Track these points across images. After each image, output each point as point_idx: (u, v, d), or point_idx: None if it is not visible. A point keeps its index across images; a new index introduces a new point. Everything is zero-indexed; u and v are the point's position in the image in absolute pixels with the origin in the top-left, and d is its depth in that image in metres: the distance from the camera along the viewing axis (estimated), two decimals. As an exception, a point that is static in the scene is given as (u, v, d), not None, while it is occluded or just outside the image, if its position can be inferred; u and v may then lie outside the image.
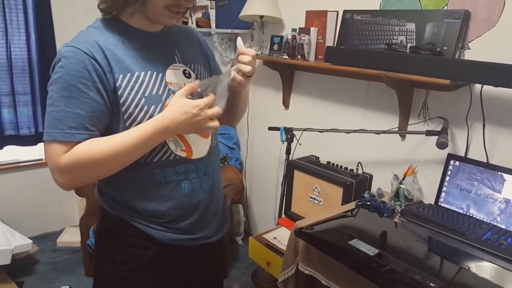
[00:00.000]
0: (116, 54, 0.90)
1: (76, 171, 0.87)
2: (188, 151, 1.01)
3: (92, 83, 0.86)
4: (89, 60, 0.86)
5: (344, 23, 1.86)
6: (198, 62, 1.09)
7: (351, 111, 2.04)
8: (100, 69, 0.87)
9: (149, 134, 0.88)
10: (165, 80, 0.96)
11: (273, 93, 2.50)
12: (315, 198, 1.93)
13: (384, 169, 1.89)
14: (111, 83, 0.88)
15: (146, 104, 0.92)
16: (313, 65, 2.03)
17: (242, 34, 2.62)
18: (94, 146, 0.86)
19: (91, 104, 0.86)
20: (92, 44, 0.87)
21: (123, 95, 0.90)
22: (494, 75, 1.29)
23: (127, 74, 0.90)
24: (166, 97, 0.95)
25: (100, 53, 0.87)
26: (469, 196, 1.52)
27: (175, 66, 1.01)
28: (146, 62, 0.94)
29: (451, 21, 1.50)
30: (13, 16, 2.37)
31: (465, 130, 1.58)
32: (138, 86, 0.91)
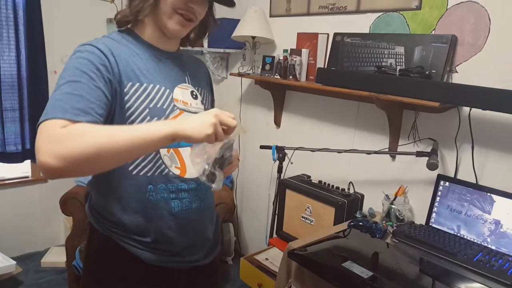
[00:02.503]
0: (128, 63, 0.92)
1: (69, 142, 0.71)
2: (183, 169, 1.00)
3: (102, 75, 0.85)
4: (103, 57, 0.87)
5: (335, 45, 1.89)
6: (204, 87, 1.13)
7: (342, 131, 2.06)
8: (110, 68, 0.88)
9: (159, 125, 0.79)
10: (172, 96, 0.98)
11: (265, 111, 2.52)
12: (307, 217, 1.93)
13: (375, 188, 1.90)
14: (118, 86, 0.89)
15: (149, 114, 0.93)
16: (305, 85, 2.06)
17: (234, 54, 2.65)
18: (96, 127, 0.77)
19: (98, 93, 0.82)
20: (106, 47, 0.90)
21: (129, 101, 0.91)
22: (482, 99, 1.32)
23: (135, 83, 0.92)
24: (170, 112, 0.96)
25: (112, 57, 0.89)
26: (460, 217, 1.53)
27: (184, 85, 1.04)
28: (156, 76, 0.97)
29: (439, 45, 1.54)
30: (3, 32, 2.35)
31: (454, 151, 1.61)
32: (144, 97, 0.93)
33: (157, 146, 0.82)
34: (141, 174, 0.95)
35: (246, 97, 2.66)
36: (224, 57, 2.74)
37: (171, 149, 0.98)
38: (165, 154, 0.97)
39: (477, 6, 1.49)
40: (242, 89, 2.66)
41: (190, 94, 1.04)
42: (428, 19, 1.63)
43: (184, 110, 1.00)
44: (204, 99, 1.09)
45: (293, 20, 2.22)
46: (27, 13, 2.38)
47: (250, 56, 2.45)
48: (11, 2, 2.33)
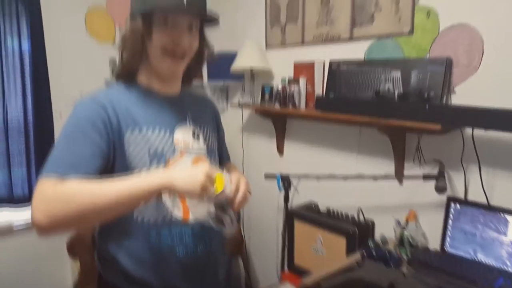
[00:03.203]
0: (128, 110, 0.95)
1: (58, 206, 0.78)
2: (185, 212, 0.99)
3: (98, 128, 0.89)
4: (101, 109, 0.91)
5: (331, 73, 1.90)
6: (209, 126, 1.14)
7: (346, 156, 2.04)
8: (108, 121, 0.91)
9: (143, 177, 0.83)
10: (172, 138, 1.00)
11: (267, 140, 2.51)
12: (318, 249, 1.88)
13: (385, 214, 1.85)
14: (117, 136, 0.92)
15: (149, 159, 0.94)
16: (304, 113, 2.06)
17: (234, 85, 2.68)
18: (83, 185, 0.81)
19: (93, 147, 0.88)
20: (106, 99, 0.94)
21: (129, 149, 0.93)
22: (483, 119, 1.30)
23: (135, 130, 0.94)
24: (171, 154, 0.98)
25: (111, 108, 0.93)
26: (475, 240, 1.48)
27: (185, 126, 1.05)
28: (156, 119, 0.99)
29: (435, 68, 1.54)
30: (10, 80, 2.42)
31: (461, 172, 1.57)
32: (144, 142, 0.95)
33: (146, 201, 0.84)
34: (145, 221, 0.95)
35: (248, 126, 2.67)
36: (223, 89, 2.77)
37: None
38: (167, 198, 0.97)
39: (469, 28, 1.49)
40: (243, 119, 2.67)
41: (191, 135, 1.05)
42: (422, 43, 1.63)
43: (184, 151, 1.01)
44: (207, 138, 1.10)
45: (288, 50, 2.25)
46: (33, 60, 2.45)
47: (249, 86, 2.47)
48: (18, 50, 2.41)
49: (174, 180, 0.81)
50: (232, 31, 2.63)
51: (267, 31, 2.38)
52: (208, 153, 1.09)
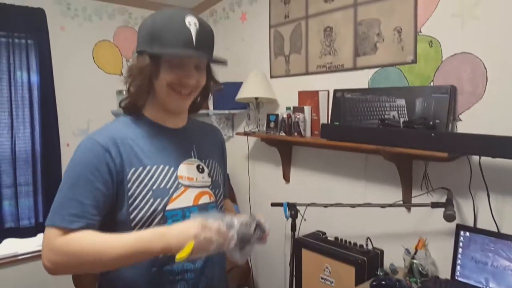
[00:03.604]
0: (132, 148, 0.96)
1: (64, 259, 0.86)
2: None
3: (101, 173, 0.91)
4: (103, 152, 0.92)
5: (336, 101, 1.93)
6: (214, 158, 1.14)
7: (353, 184, 2.04)
8: (111, 162, 0.92)
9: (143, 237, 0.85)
10: (176, 174, 1.00)
11: (273, 168, 2.52)
12: (326, 278, 1.85)
13: (394, 242, 1.83)
14: (120, 176, 0.93)
15: (152, 196, 0.94)
16: (310, 141, 2.08)
17: (239, 114, 2.71)
18: (86, 242, 0.86)
19: (95, 193, 0.90)
20: (110, 138, 0.94)
21: (132, 187, 0.93)
22: (490, 147, 1.31)
23: (139, 168, 0.95)
24: (174, 191, 0.98)
25: (115, 148, 0.93)
26: (486, 268, 1.45)
27: (190, 161, 1.05)
28: (161, 156, 0.99)
29: (439, 95, 1.56)
30: (19, 111, 2.46)
31: (470, 200, 1.56)
32: (147, 179, 0.95)
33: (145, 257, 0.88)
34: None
35: (254, 154, 2.68)
36: (229, 117, 2.81)
37: None
38: None
39: (471, 56, 1.53)
40: (249, 147, 2.69)
41: (196, 169, 1.05)
42: (425, 72, 1.67)
43: (189, 186, 1.01)
44: (212, 171, 1.10)
45: (293, 79, 2.30)
46: (41, 92, 2.50)
47: (254, 115, 2.51)
48: (27, 83, 2.47)
49: (172, 247, 0.83)
50: (237, 61, 2.70)
51: (271, 61, 2.44)
52: (213, 187, 1.08)
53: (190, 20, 0.93)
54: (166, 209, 0.96)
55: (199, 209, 1.02)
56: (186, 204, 1.00)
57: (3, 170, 2.44)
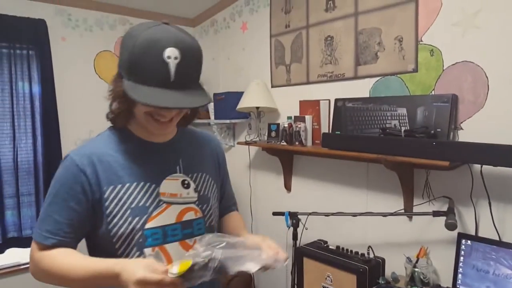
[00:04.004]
0: (111, 165, 0.95)
1: (40, 272, 0.94)
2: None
3: (75, 193, 0.91)
4: (78, 172, 0.92)
5: (337, 110, 1.95)
6: (205, 171, 1.09)
7: (354, 193, 2.04)
8: (86, 182, 0.92)
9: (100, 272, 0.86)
10: (157, 190, 0.97)
11: (274, 177, 2.53)
12: (328, 287, 1.84)
13: (395, 251, 1.83)
14: (97, 195, 0.93)
15: (130, 215, 0.93)
16: (311, 150, 2.09)
17: (240, 123, 2.73)
18: (53, 263, 0.91)
19: (69, 212, 0.91)
20: (87, 157, 0.94)
21: (110, 206, 0.93)
22: (492, 156, 1.32)
23: (117, 186, 0.94)
24: (154, 209, 0.96)
25: (91, 167, 0.93)
26: (488, 277, 1.45)
27: (174, 176, 1.01)
28: (141, 172, 0.97)
29: (440, 104, 1.57)
30: (21, 122, 2.47)
31: (471, 208, 1.57)
32: (126, 198, 0.94)
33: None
34: None
35: (255, 163, 2.69)
36: (230, 126, 2.82)
37: (156, 247, 0.96)
38: (150, 253, 0.95)
39: (472, 65, 1.54)
40: (250, 156, 2.70)
41: (180, 184, 1.01)
42: (426, 81, 1.68)
43: (171, 203, 0.99)
44: (200, 185, 1.06)
45: (294, 89, 2.31)
46: (43, 103, 2.51)
47: (255, 124, 2.52)
48: (28, 94, 2.47)
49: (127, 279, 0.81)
50: (238, 72, 2.72)
51: (272, 70, 2.46)
52: (199, 202, 1.04)
53: (171, 53, 0.85)
54: (144, 227, 0.94)
55: (182, 226, 0.99)
56: (168, 222, 0.97)
57: (6, 181, 2.45)
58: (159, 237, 0.96)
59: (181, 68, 0.86)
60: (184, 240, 1.00)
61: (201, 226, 1.03)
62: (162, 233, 0.96)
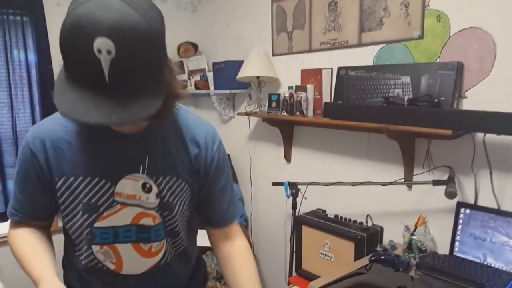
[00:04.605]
0: (65, 154, 0.86)
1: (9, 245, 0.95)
2: (118, 264, 0.92)
3: (30, 177, 0.89)
4: (31, 157, 0.87)
5: (340, 79, 1.92)
6: (176, 174, 0.91)
7: (354, 163, 2.04)
8: (39, 168, 0.87)
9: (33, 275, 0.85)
10: (113, 189, 0.86)
11: (274, 148, 2.52)
12: (326, 254, 1.88)
13: (394, 220, 1.85)
14: (50, 183, 0.88)
15: (81, 210, 0.88)
16: (312, 120, 2.07)
17: (240, 94, 2.70)
18: (14, 245, 0.92)
19: (28, 193, 0.91)
20: (40, 142, 0.86)
21: (62, 197, 0.88)
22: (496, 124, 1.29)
23: (69, 178, 0.86)
24: (106, 209, 0.87)
25: (43, 153, 0.86)
26: (485, 244, 1.48)
27: (135, 176, 0.87)
28: (98, 167, 0.86)
29: (445, 72, 1.55)
30: (18, 91, 2.44)
31: (472, 178, 1.57)
32: (78, 192, 0.86)
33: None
34: (76, 260, 0.94)
35: (255, 135, 2.68)
36: (230, 97, 2.79)
37: (105, 245, 0.90)
38: (98, 250, 0.91)
39: (480, 31, 1.50)
40: (250, 127, 2.68)
41: (141, 187, 0.88)
42: (432, 48, 1.64)
43: (125, 204, 0.88)
44: (166, 190, 0.90)
45: (295, 57, 2.26)
46: (39, 71, 2.47)
47: (256, 95, 2.49)
48: (24, 62, 2.43)
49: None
50: (238, 40, 2.66)
51: (273, 38, 2.40)
52: (160, 209, 0.90)
53: (101, 45, 0.63)
54: (94, 225, 0.88)
55: (137, 229, 0.90)
56: (120, 223, 0.89)
57: (6, 150, 2.45)
58: (109, 236, 0.89)
59: (117, 66, 0.64)
60: (138, 243, 0.91)
61: (160, 232, 0.92)
62: (113, 233, 0.89)
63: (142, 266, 0.94)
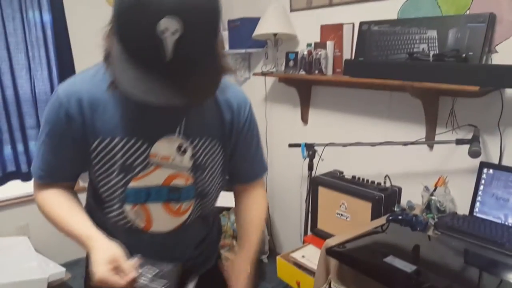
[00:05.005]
0: (102, 114, 0.84)
1: (39, 207, 0.94)
2: (148, 223, 0.93)
3: (65, 139, 0.86)
4: (67, 118, 0.83)
5: (361, 35, 1.84)
6: (211, 135, 0.93)
7: (374, 123, 2.00)
8: (76, 129, 0.84)
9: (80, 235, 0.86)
10: (149, 151, 0.86)
11: (291, 109, 2.49)
12: (342, 214, 1.88)
13: (413, 181, 1.83)
14: (85, 142, 0.86)
15: (116, 170, 0.87)
16: (332, 79, 2.01)
17: (256, 53, 2.63)
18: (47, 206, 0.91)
19: (61, 156, 0.88)
20: (76, 101, 0.82)
21: (97, 158, 0.86)
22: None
23: (106, 138, 0.85)
24: (142, 170, 0.87)
25: (80, 114, 0.83)
26: (507, 205, 1.45)
27: (171, 138, 0.88)
28: (135, 127, 0.85)
29: (476, 25, 1.46)
30: (35, 52, 2.44)
31: (497, 137, 1.52)
32: (114, 153, 0.86)
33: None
34: (109, 217, 0.94)
35: (271, 96, 2.64)
36: (245, 57, 2.73)
37: (137, 205, 0.91)
38: (130, 209, 0.91)
39: (516, -22, 1.40)
40: (267, 88, 2.64)
41: (176, 148, 0.89)
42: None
43: (159, 165, 0.88)
44: (201, 152, 0.92)
45: (315, 12, 2.17)
46: (55, 32, 2.46)
47: (272, 54, 2.43)
48: (40, 22, 2.41)
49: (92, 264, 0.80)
50: (255, -5, 2.56)
51: (291, -8, 2.29)
52: (193, 170, 0.92)
53: (167, 25, 0.61)
54: (128, 186, 0.88)
55: (169, 190, 0.91)
56: (153, 183, 0.90)
57: (26, 112, 2.48)
58: (141, 196, 0.90)
59: (182, 47, 0.63)
60: (168, 202, 0.93)
61: (190, 193, 0.94)
62: (146, 193, 0.90)
63: (170, 224, 0.95)
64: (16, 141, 2.48)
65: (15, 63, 2.39)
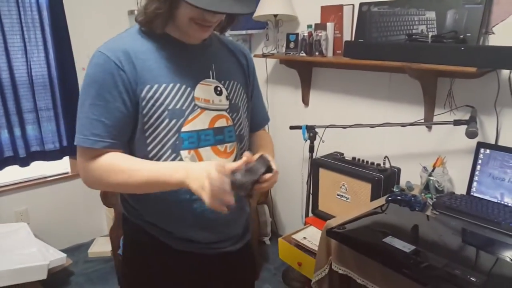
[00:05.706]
0: (146, 63, 0.90)
1: (95, 181, 0.92)
2: None
3: (119, 93, 0.87)
4: (117, 70, 0.87)
5: (361, 16, 1.83)
6: (236, 79, 1.05)
7: (373, 105, 2.01)
8: (127, 80, 0.87)
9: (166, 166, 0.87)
10: (193, 94, 0.94)
11: (292, 91, 2.49)
12: (342, 195, 1.92)
13: (412, 161, 1.85)
14: (136, 93, 0.89)
15: (167, 117, 0.91)
16: (332, 60, 2.01)
17: (257, 34, 2.61)
18: (112, 167, 0.89)
19: (115, 114, 0.88)
20: (122, 53, 0.88)
21: (147, 106, 0.89)
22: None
23: (154, 85, 0.90)
24: (190, 113, 0.94)
25: (129, 63, 0.88)
26: (503, 184, 1.48)
27: (207, 81, 0.98)
28: (176, 74, 0.93)
29: (473, 6, 1.46)
30: (31, 34, 2.41)
31: (494, 117, 1.54)
32: (163, 98, 0.90)
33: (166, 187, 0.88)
34: None
35: (272, 77, 2.63)
36: (246, 38, 2.71)
37: (192, 150, 0.95)
38: (186, 155, 0.94)
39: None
40: (267, 70, 2.63)
41: (213, 90, 0.98)
42: (460, -21, 1.53)
43: (205, 108, 0.97)
44: (232, 93, 1.03)
45: (315, -7, 2.15)
46: (51, 13, 2.42)
47: (273, 35, 2.41)
48: (35, 3, 2.37)
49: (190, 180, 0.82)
50: (254, -23, 2.52)
51: (291, -28, 2.26)
52: (230, 110, 1.02)
53: None
54: (181, 130, 0.93)
55: (214, 132, 0.98)
56: (201, 127, 0.96)
57: (23, 95, 2.46)
58: (194, 140, 0.95)
59: None
60: (216, 145, 0.99)
61: (231, 134, 1.02)
62: (197, 137, 0.95)
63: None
64: (13, 125, 2.43)
65: (10, 46, 2.34)
